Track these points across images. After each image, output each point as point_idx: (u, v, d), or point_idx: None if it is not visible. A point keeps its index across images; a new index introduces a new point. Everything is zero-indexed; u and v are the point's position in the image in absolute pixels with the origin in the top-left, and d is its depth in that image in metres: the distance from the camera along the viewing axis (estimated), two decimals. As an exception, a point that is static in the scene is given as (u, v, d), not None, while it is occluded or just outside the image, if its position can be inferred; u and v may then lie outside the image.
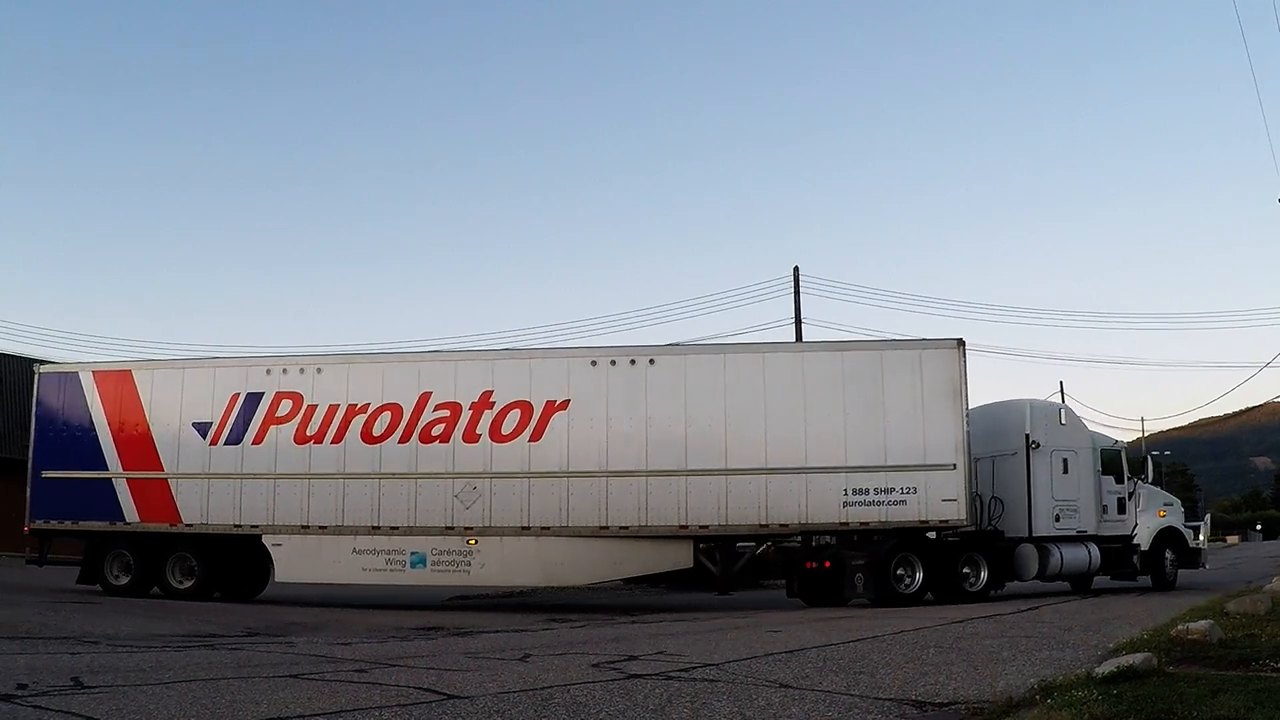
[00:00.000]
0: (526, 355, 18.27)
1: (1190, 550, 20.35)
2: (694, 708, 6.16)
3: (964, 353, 17.38)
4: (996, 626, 12.05)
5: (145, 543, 18.39)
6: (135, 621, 13.51)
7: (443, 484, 17.62)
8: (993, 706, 6.05)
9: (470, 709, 6.03)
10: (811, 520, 16.95)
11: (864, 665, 8.30)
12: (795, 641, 10.47)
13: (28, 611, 13.96)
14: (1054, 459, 18.55)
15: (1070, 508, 18.57)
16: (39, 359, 26.66)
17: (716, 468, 17.10)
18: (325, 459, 17.97)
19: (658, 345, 18.35)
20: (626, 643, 10.68)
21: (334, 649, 10.29)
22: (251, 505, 18.00)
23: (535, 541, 17.35)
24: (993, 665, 8.18)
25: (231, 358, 19.28)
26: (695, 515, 17.04)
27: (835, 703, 6.35)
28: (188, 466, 18.32)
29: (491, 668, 8.43)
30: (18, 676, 7.34)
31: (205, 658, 9.34)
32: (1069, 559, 18.35)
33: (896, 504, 16.88)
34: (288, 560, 17.89)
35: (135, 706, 6.07)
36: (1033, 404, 19.02)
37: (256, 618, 14.71)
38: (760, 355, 17.68)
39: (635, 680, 7.45)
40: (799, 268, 37.42)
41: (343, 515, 17.77)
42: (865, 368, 17.39)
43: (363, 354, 18.96)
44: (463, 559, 17.47)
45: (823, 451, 17.03)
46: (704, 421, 17.29)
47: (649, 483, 17.18)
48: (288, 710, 5.99)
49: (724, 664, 8.45)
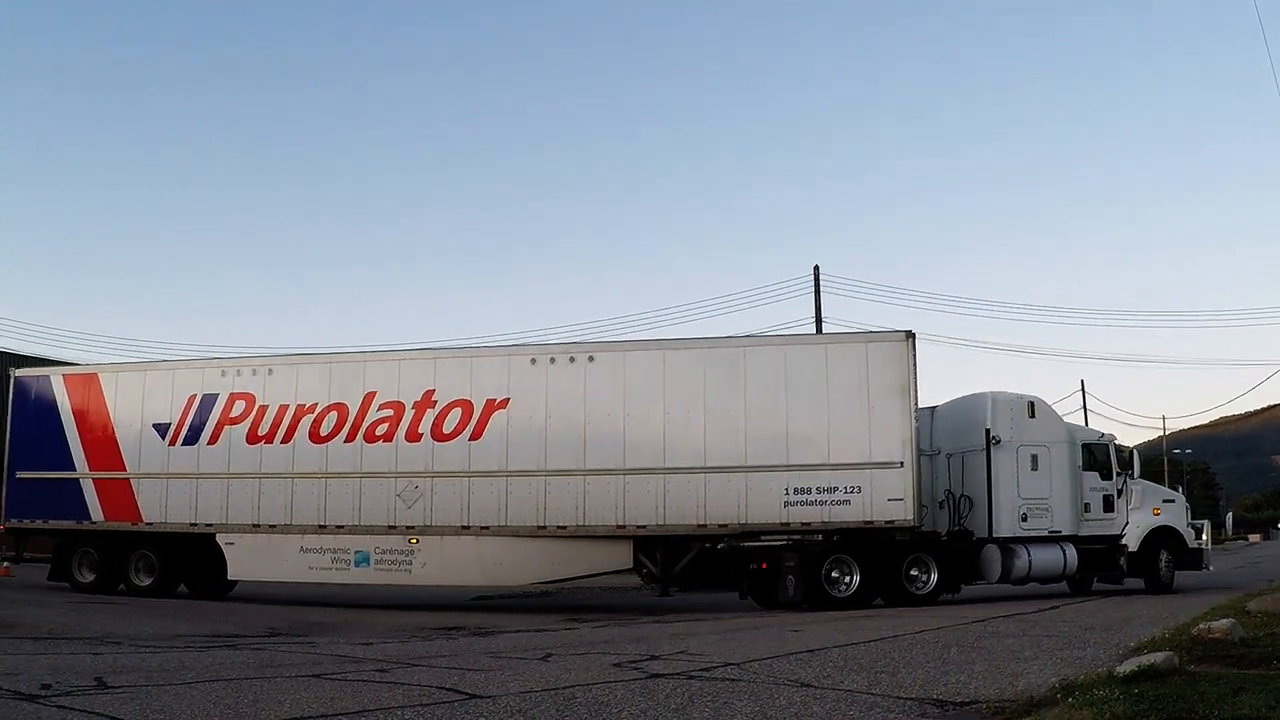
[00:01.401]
0: (468, 354, 18.13)
1: (1190, 551, 18.95)
2: (715, 707, 6.19)
3: (913, 345, 16.53)
4: (1018, 626, 11.88)
5: (109, 541, 18.89)
6: (158, 622, 13.77)
7: (386, 483, 17.62)
8: (1014, 706, 6.05)
9: (493, 708, 6.06)
10: (751, 520, 16.38)
11: (885, 664, 8.27)
12: (816, 641, 10.39)
13: (51, 612, 14.25)
14: (1021, 455, 17.50)
15: (1040, 506, 17.51)
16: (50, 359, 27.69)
17: (654, 466, 16.67)
18: (275, 458, 18.15)
19: (599, 342, 17.95)
20: (648, 642, 10.67)
21: (356, 649, 10.37)
22: (206, 504, 18.31)
23: (475, 541, 17.22)
24: (1014, 664, 8.13)
25: (190, 360, 19.66)
26: (633, 515, 16.65)
27: (856, 702, 6.37)
28: (148, 467, 18.73)
29: (513, 667, 8.47)
30: (41, 677, 7.42)
31: (228, 658, 9.44)
32: (1039, 561, 17.30)
33: (839, 504, 16.18)
34: (239, 559, 18.15)
35: (159, 706, 6.13)
36: (995, 396, 17.94)
37: (278, 618, 14.87)
38: (701, 351, 17.14)
39: (657, 680, 7.46)
40: (819, 267, 36.65)
41: (291, 514, 17.93)
42: (809, 363, 16.71)
43: (311, 354, 19.04)
44: (405, 558, 17.45)
45: (764, 450, 16.44)
46: (642, 419, 16.87)
47: (587, 482, 16.86)
48: (310, 710, 6.03)
49: (745, 663, 8.44)
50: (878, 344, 16.67)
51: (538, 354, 17.63)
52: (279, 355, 19.05)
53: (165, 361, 20.33)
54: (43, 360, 30.36)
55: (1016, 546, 17.28)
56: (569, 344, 17.85)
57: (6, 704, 6.14)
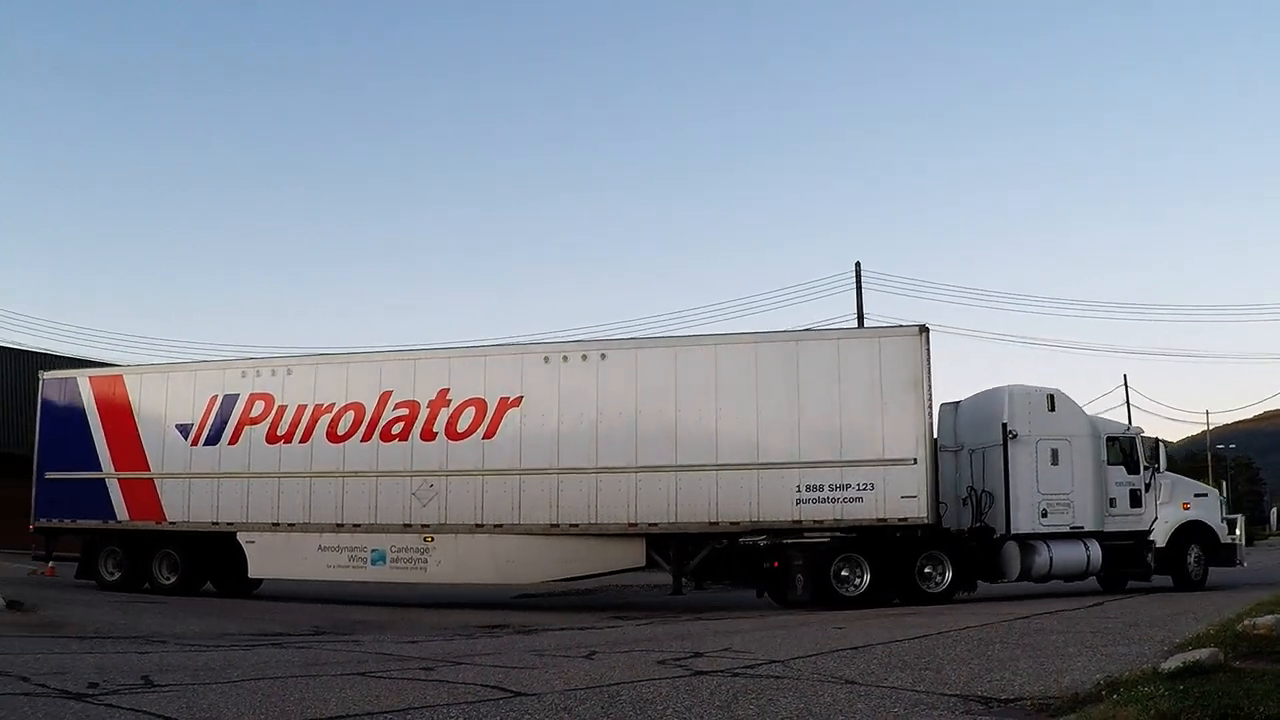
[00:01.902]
0: (481, 352, 18.21)
1: (1223, 547, 18.45)
2: (760, 704, 6.18)
3: (927, 340, 16.30)
4: (1062, 622, 11.81)
5: (134, 540, 19.23)
6: (203, 621, 13.94)
7: (401, 482, 17.75)
8: (1059, 702, 6.02)
9: (537, 706, 6.08)
10: (763, 518, 16.27)
11: (930, 661, 8.24)
12: (861, 638, 10.36)
13: (97, 611, 14.40)
14: (1040, 449, 17.17)
15: (1061, 502, 17.17)
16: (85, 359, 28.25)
17: (666, 464, 16.62)
18: (294, 458, 18.36)
19: (613, 339, 17.93)
20: (692, 640, 10.68)
21: (400, 647, 10.42)
22: (228, 503, 18.58)
23: (488, 539, 17.29)
24: (1058, 660, 8.07)
25: (212, 361, 19.94)
26: (645, 513, 16.62)
27: (900, 699, 6.35)
28: (171, 466, 19.05)
29: (558, 665, 8.49)
30: (89, 675, 7.47)
31: (273, 656, 9.49)
32: (1060, 558, 16.97)
33: (852, 501, 16.02)
34: (260, 557, 18.39)
35: (205, 704, 6.18)
36: (1012, 390, 17.61)
37: (323, 616, 14.97)
38: (713, 347, 17.06)
39: (701, 677, 7.45)
40: (860, 263, 36.46)
41: (310, 513, 18.14)
42: (821, 358, 16.55)
43: (329, 354, 19.25)
44: (420, 556, 17.57)
45: (776, 446, 16.32)
46: (655, 417, 16.82)
47: (599, 479, 16.86)
48: (356, 708, 6.06)
49: (789, 660, 8.43)
50: (890, 339, 16.48)
51: (550, 352, 17.66)
52: (297, 356, 19.28)
53: (188, 363, 20.66)
54: (77, 360, 31.05)
55: (1037, 543, 16.97)
56: (582, 342, 17.85)
57: (55, 702, 6.22)
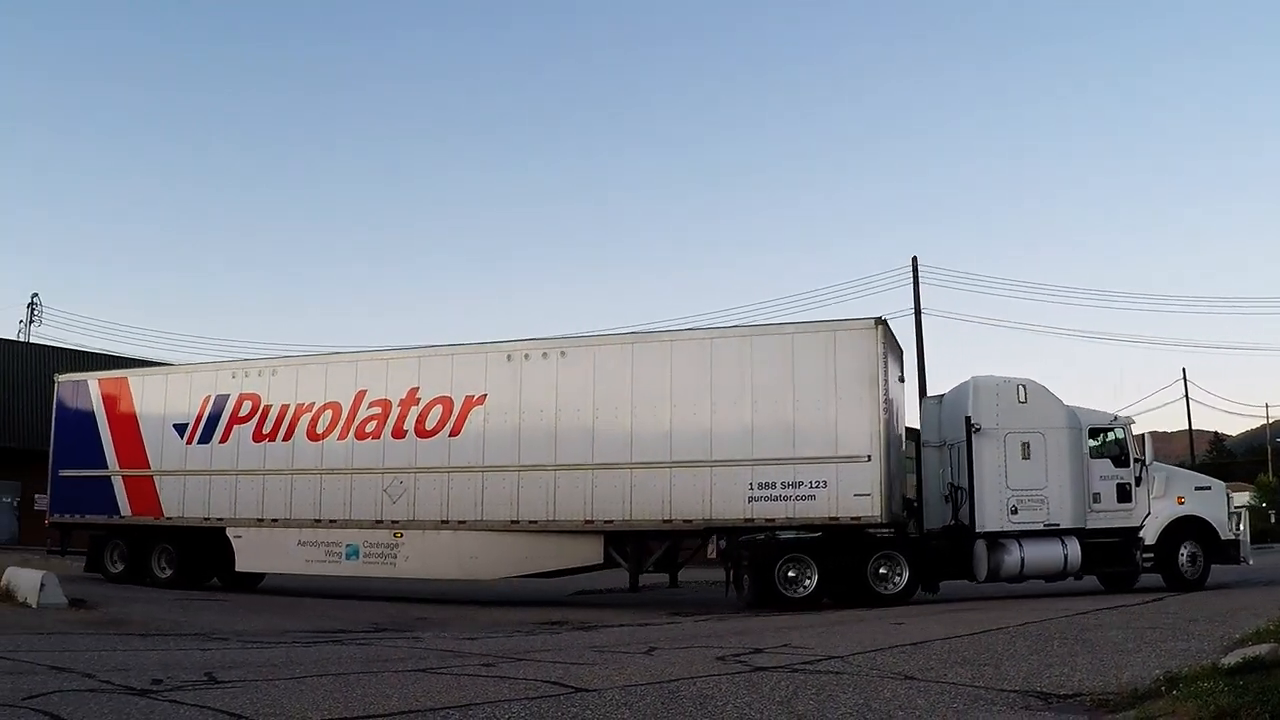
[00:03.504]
0: (449, 351, 18.42)
1: (1223, 543, 17.39)
2: (819, 700, 6.22)
3: (883, 333, 15.85)
4: (1121, 617, 11.74)
5: (135, 534, 20.18)
6: (263, 618, 14.25)
7: (374, 479, 18.19)
8: (1118, 698, 6.04)
9: (598, 702, 6.16)
10: (715, 516, 16.10)
11: (988, 657, 8.26)
12: (919, 634, 10.38)
13: (159, 609, 14.77)
14: (1009, 443, 16.47)
15: (1034, 498, 16.44)
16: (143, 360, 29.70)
17: (621, 461, 16.61)
18: (277, 456, 18.99)
19: (572, 336, 17.98)
20: (751, 635, 10.78)
21: (460, 644, 10.59)
22: (218, 500, 19.33)
23: (453, 535, 17.58)
24: (1117, 656, 8.06)
25: (207, 363, 20.70)
26: (601, 510, 16.66)
27: (960, 694, 6.39)
28: (169, 464, 19.91)
29: (617, 661, 8.57)
30: (152, 672, 7.58)
31: (334, 653, 9.61)
32: (1034, 557, 16.26)
33: (804, 499, 15.70)
34: (246, 551, 19.08)
35: (269, 700, 6.27)
36: (977, 381, 16.90)
37: (381, 613, 15.24)
38: (668, 344, 16.95)
39: (760, 673, 7.50)
40: (917, 257, 35.83)
41: (291, 509, 18.75)
42: (775, 353, 16.25)
43: (311, 355, 19.80)
44: (390, 551, 17.97)
45: (729, 444, 16.13)
46: (611, 414, 16.83)
47: (557, 476, 16.96)
48: (418, 703, 6.12)
49: (848, 656, 8.48)
50: (845, 333, 16.06)
51: (513, 351, 17.81)
52: (283, 357, 19.92)
53: (186, 364, 21.52)
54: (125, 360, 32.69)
55: (1007, 541, 16.32)
56: (543, 340, 17.93)
57: (120, 698, 6.32)
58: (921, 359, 37.87)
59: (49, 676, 7.27)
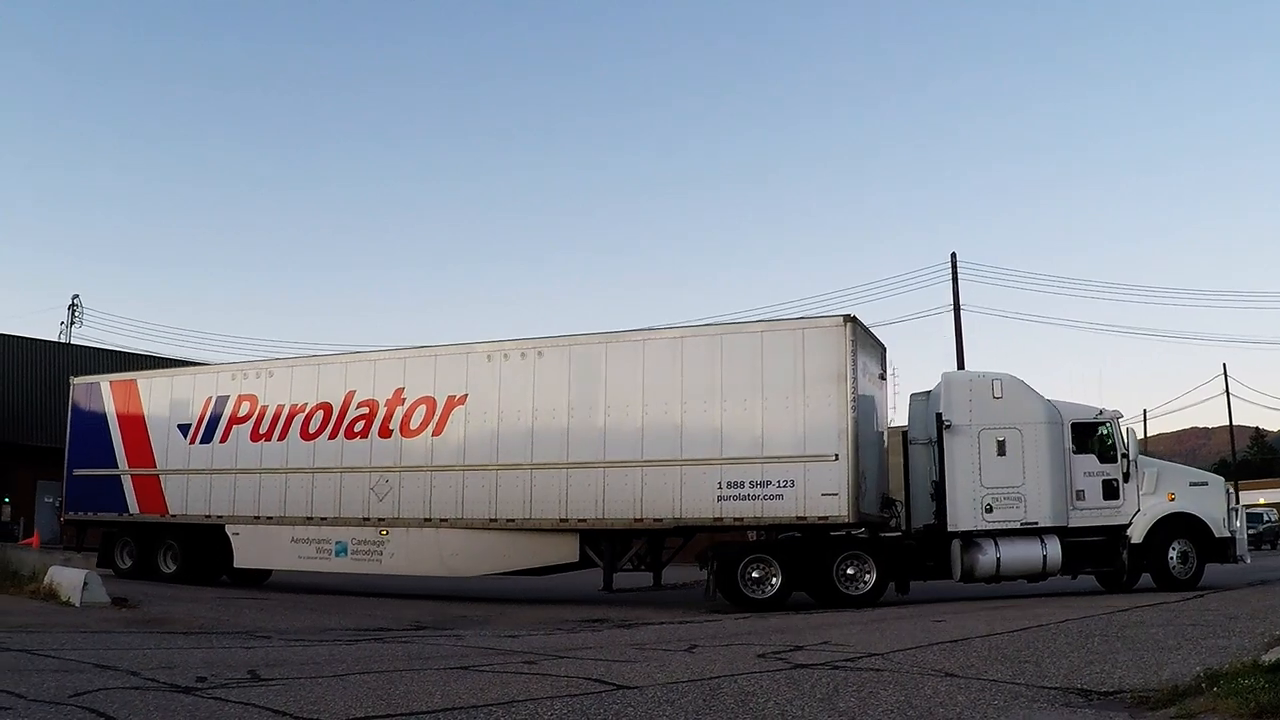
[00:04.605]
0: (432, 352, 18.72)
1: (1217, 541, 16.86)
2: (861, 697, 6.30)
3: (852, 330, 15.71)
4: (1162, 615, 11.72)
5: (142, 532, 20.89)
6: (304, 616, 14.41)
7: (361, 477, 18.59)
8: (1158, 695, 6.08)
9: (640, 699, 6.23)
10: (685, 515, 16.14)
11: (1029, 654, 8.31)
12: (960, 631, 10.45)
13: (201, 608, 15.02)
14: (983, 440, 16.24)
15: (1010, 496, 16.18)
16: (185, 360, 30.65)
17: (594, 460, 16.75)
18: (273, 455, 19.52)
19: (550, 336, 18.11)
20: (791, 633, 10.89)
21: (502, 641, 10.67)
22: (218, 498, 19.92)
23: (435, 532, 17.90)
24: (1158, 653, 8.09)
25: (210, 365, 21.34)
26: (575, 509, 16.81)
27: (1001, 691, 6.44)
28: (173, 463, 20.58)
29: (659, 658, 8.64)
30: (196, 670, 7.64)
31: (376, 651, 9.67)
32: (1010, 556, 16.02)
33: (772, 498, 15.66)
34: (244, 548, 19.63)
35: (313, 698, 6.33)
36: (949, 377, 16.68)
37: (423, 612, 15.44)
38: (640, 343, 17.02)
39: (801, 670, 7.58)
40: (956, 253, 35.43)
41: (285, 507, 19.24)
42: (744, 351, 16.24)
43: (305, 357, 20.29)
44: (376, 548, 18.37)
45: (698, 443, 16.16)
46: (585, 413, 16.99)
47: (533, 475, 17.16)
48: (461, 701, 6.17)
49: (889, 653, 8.54)
50: (813, 330, 15.98)
51: (493, 350, 18.05)
52: (279, 359, 20.45)
53: (191, 366, 22.20)
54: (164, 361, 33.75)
55: (983, 541, 16.11)
56: (522, 339, 18.13)
57: (165, 696, 6.39)
58: (961, 355, 37.38)
59: (94, 674, 7.36)
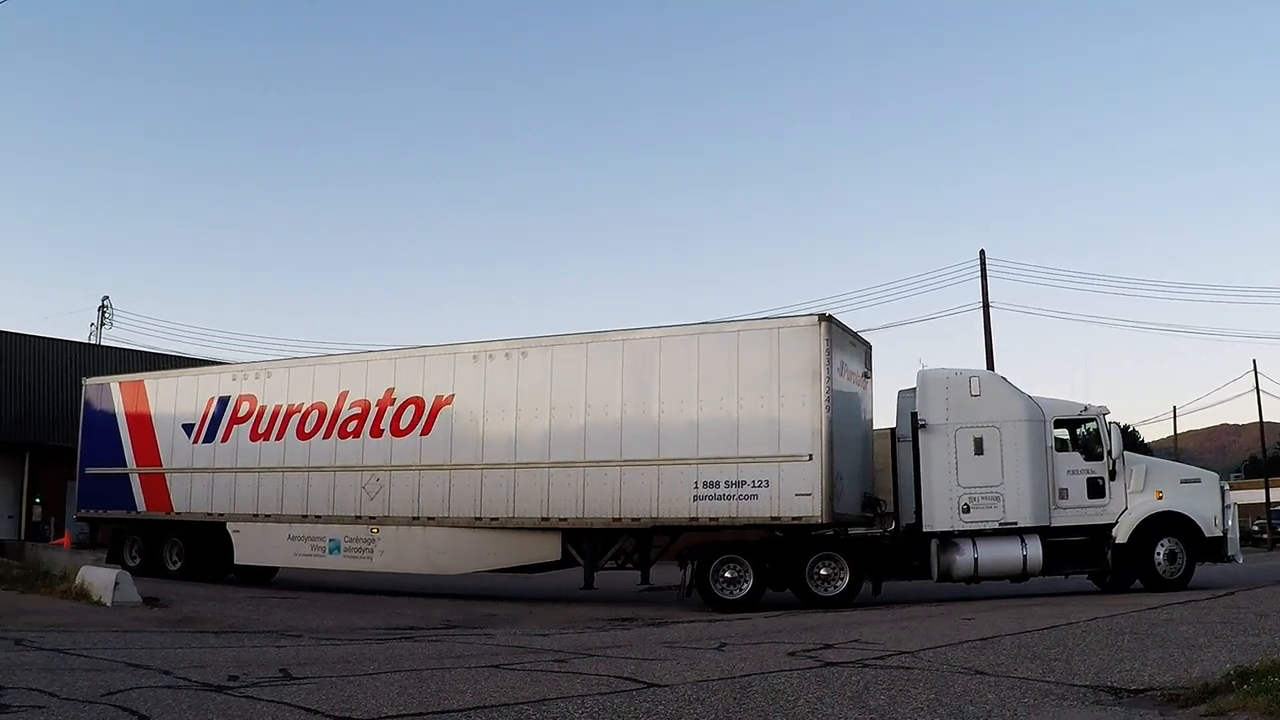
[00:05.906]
0: (421, 352, 19.03)
1: (1208, 540, 16.48)
2: (891, 695, 6.35)
3: (828, 330, 15.69)
4: (1193, 613, 11.67)
5: (149, 529, 21.46)
6: (334, 615, 14.53)
7: (354, 476, 18.94)
8: (1189, 692, 6.11)
9: (670, 697, 6.31)
10: (662, 515, 16.25)
11: (1059, 652, 8.36)
12: (989, 629, 10.49)
13: (231, 607, 15.20)
14: (960, 438, 16.08)
15: (988, 495, 16.00)
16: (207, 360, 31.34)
17: (575, 460, 16.93)
18: (271, 454, 19.95)
19: (534, 336, 18.30)
20: (821, 631, 10.96)
21: (532, 640, 10.74)
22: (220, 496, 20.41)
23: (423, 531, 18.20)
24: (1188, 651, 8.10)
25: (213, 365, 21.86)
26: (557, 508, 17.01)
27: (1030, 689, 6.49)
28: (178, 462, 21.11)
29: (689, 657, 8.71)
30: (228, 669, 7.70)
31: (407, 649, 9.76)
32: (988, 557, 15.85)
33: (747, 498, 15.71)
34: (243, 545, 20.09)
35: (344, 696, 6.40)
36: (925, 375, 16.49)
37: (452, 610, 15.54)
38: (620, 343, 17.14)
39: (831, 668, 7.65)
40: (984, 251, 35.16)
41: (282, 505, 19.66)
42: (720, 351, 16.30)
43: (302, 358, 20.71)
44: (367, 546, 18.71)
45: (675, 442, 16.26)
46: (566, 413, 17.16)
47: (516, 475, 17.39)
48: (492, 699, 6.24)
49: (919, 651, 8.59)
50: (788, 330, 15.99)
51: (479, 351, 18.30)
52: (278, 360, 20.89)
53: (194, 368, 22.73)
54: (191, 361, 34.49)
55: (960, 541, 15.99)
56: (507, 340, 18.35)
57: (198, 695, 6.48)
58: (990, 352, 36.97)
59: (127, 673, 7.43)
